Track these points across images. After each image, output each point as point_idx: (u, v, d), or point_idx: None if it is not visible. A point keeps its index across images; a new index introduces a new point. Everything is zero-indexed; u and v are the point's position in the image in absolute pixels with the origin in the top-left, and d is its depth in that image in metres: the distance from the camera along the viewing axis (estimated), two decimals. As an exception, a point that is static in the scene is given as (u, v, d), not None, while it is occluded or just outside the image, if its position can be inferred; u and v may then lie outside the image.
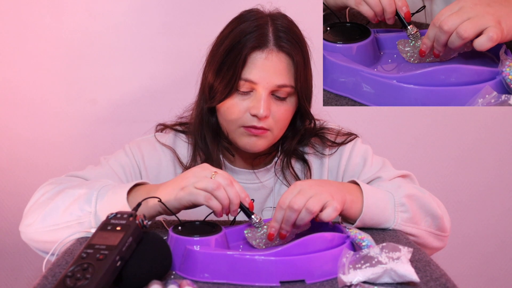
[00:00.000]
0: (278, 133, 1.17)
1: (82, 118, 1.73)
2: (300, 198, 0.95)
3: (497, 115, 1.81)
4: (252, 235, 0.99)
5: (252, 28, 1.11)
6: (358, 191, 1.06)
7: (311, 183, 1.00)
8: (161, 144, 1.25)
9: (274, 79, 1.10)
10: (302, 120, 1.22)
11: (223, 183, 0.95)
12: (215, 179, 0.95)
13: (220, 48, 1.13)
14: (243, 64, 1.10)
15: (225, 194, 0.94)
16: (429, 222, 1.10)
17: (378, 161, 1.24)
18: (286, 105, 1.14)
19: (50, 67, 1.70)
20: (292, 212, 0.95)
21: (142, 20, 1.71)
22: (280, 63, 1.11)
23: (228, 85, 1.11)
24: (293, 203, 0.95)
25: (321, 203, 0.95)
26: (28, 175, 1.73)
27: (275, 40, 1.11)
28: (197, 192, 0.94)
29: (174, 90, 1.71)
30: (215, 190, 0.94)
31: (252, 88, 1.12)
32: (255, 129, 1.13)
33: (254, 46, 1.10)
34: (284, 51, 1.11)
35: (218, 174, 0.96)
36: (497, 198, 1.86)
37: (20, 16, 1.68)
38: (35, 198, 1.08)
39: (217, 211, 0.95)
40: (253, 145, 1.15)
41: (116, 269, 0.77)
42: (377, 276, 0.82)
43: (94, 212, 1.00)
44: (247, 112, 1.12)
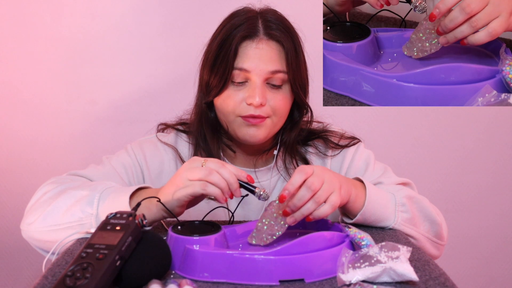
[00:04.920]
0: (277, 121, 1.17)
1: (82, 118, 1.73)
2: (317, 179, 0.94)
3: (497, 115, 1.81)
4: (257, 235, 0.98)
5: (242, 21, 1.14)
6: (361, 186, 1.07)
7: (323, 167, 0.99)
8: (163, 143, 1.25)
9: (267, 66, 1.12)
10: (299, 112, 1.22)
11: (215, 167, 0.94)
12: (206, 166, 0.94)
13: (213, 45, 1.15)
14: (235, 55, 1.12)
15: (220, 177, 0.93)
16: (427, 228, 1.11)
17: (380, 167, 1.24)
18: (282, 93, 1.15)
19: (50, 67, 1.71)
20: (307, 191, 0.93)
21: (142, 20, 1.71)
22: (271, 50, 1.13)
23: (222, 77, 1.13)
24: (311, 183, 0.93)
25: (330, 190, 0.95)
26: (28, 175, 1.73)
27: (264, 29, 1.13)
28: (191, 183, 0.93)
29: (174, 90, 1.71)
30: (209, 176, 0.93)
31: (246, 78, 1.13)
32: (253, 118, 1.13)
33: (244, 36, 1.12)
34: (274, 38, 1.13)
35: (208, 161, 0.96)
36: (497, 198, 1.86)
37: (20, 16, 1.68)
38: (36, 197, 1.08)
39: (217, 196, 0.93)
40: (252, 136, 1.15)
41: (115, 269, 0.77)
42: (376, 275, 0.82)
43: (96, 214, 1.00)
44: (243, 102, 1.13)
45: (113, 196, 1.01)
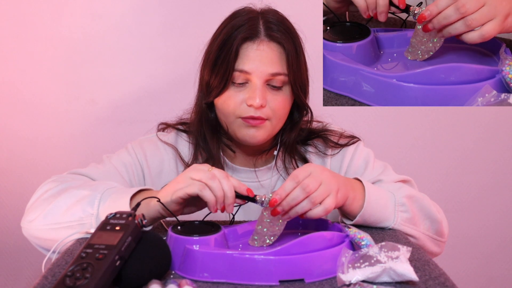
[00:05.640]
0: (276, 123, 1.17)
1: (82, 118, 1.73)
2: (313, 181, 0.94)
3: (497, 115, 1.81)
4: (259, 238, 0.98)
5: (243, 22, 1.13)
6: (360, 187, 1.07)
7: (322, 168, 0.99)
8: (163, 142, 1.25)
9: (267, 68, 1.12)
10: (299, 112, 1.22)
11: (218, 175, 0.94)
12: (211, 172, 0.95)
13: (214, 45, 1.15)
14: (236, 56, 1.12)
15: (220, 185, 0.93)
16: (427, 226, 1.11)
17: (379, 165, 1.24)
18: (282, 95, 1.15)
19: (50, 67, 1.71)
20: (302, 192, 0.93)
21: (142, 20, 1.71)
22: (271, 52, 1.12)
23: (223, 78, 1.13)
24: (306, 185, 0.93)
25: (326, 193, 0.95)
26: (28, 175, 1.73)
27: (265, 30, 1.13)
28: (192, 182, 0.94)
29: (174, 90, 1.71)
30: (210, 180, 0.93)
31: (246, 79, 1.13)
32: (253, 119, 1.13)
33: (245, 37, 1.12)
34: (275, 40, 1.13)
35: (215, 168, 0.96)
36: (497, 198, 1.86)
37: (20, 16, 1.68)
38: (37, 195, 1.08)
39: (210, 203, 0.93)
40: (252, 137, 1.15)
41: (115, 269, 0.77)
42: (376, 275, 0.82)
43: (96, 215, 1.00)
44: (243, 103, 1.13)
45: (114, 197, 1.01)
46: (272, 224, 0.97)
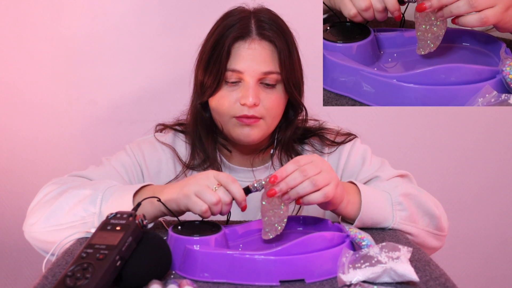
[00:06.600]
0: (271, 122, 1.17)
1: (82, 118, 1.73)
2: (313, 168, 0.94)
3: (497, 115, 1.81)
4: (270, 229, 0.97)
5: (235, 21, 1.14)
6: (356, 191, 1.06)
7: (325, 160, 1.00)
8: (161, 143, 1.26)
9: (259, 67, 1.12)
10: (294, 111, 1.22)
11: (223, 200, 0.95)
12: (217, 193, 0.95)
13: (207, 45, 1.16)
14: (228, 55, 1.12)
15: (220, 210, 0.95)
16: (427, 222, 1.11)
17: (377, 161, 1.25)
18: (276, 93, 1.15)
19: (50, 67, 1.71)
20: (300, 175, 0.94)
21: (142, 20, 1.71)
22: (263, 51, 1.13)
23: (216, 78, 1.13)
24: (306, 170, 0.94)
25: (327, 180, 0.95)
26: (28, 175, 1.73)
27: (257, 29, 1.14)
28: (195, 201, 0.94)
29: (174, 90, 1.71)
30: (214, 206, 0.94)
31: (239, 78, 1.13)
32: (247, 118, 1.13)
33: (237, 37, 1.13)
34: (266, 38, 1.13)
35: (220, 187, 0.96)
36: (497, 198, 1.86)
37: (20, 17, 1.68)
38: (38, 198, 1.08)
39: (205, 218, 0.96)
40: (246, 136, 1.15)
41: (116, 269, 0.77)
42: (376, 276, 0.82)
43: (99, 213, 1.00)
44: (237, 102, 1.14)
45: (117, 195, 1.01)
46: (276, 210, 0.96)
